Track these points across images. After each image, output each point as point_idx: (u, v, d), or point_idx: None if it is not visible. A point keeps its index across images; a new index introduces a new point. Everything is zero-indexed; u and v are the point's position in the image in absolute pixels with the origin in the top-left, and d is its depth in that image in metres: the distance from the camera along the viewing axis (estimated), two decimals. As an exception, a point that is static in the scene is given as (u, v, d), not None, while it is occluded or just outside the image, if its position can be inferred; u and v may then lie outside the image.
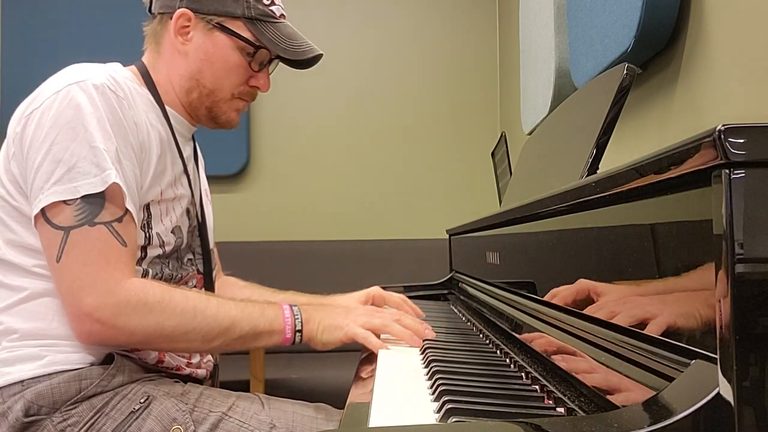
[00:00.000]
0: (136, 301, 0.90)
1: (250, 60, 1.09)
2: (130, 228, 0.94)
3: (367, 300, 1.25)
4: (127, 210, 0.93)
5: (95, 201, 0.90)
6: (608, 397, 0.52)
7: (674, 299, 0.46)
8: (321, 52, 1.13)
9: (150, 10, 1.11)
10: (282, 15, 1.11)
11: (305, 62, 1.14)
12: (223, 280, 1.35)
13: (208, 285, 1.16)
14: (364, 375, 0.81)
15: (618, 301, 0.56)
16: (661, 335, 0.48)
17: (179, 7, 1.06)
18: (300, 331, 0.99)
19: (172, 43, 1.07)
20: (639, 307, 0.51)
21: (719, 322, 0.39)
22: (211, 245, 1.22)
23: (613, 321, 0.56)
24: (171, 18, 1.06)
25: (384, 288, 1.27)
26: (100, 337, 0.91)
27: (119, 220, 0.92)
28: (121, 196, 0.92)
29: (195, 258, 1.14)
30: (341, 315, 1.01)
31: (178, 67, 1.08)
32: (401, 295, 1.27)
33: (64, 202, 0.89)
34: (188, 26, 1.06)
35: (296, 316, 0.99)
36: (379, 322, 0.99)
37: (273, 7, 1.09)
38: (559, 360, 0.67)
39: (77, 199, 0.89)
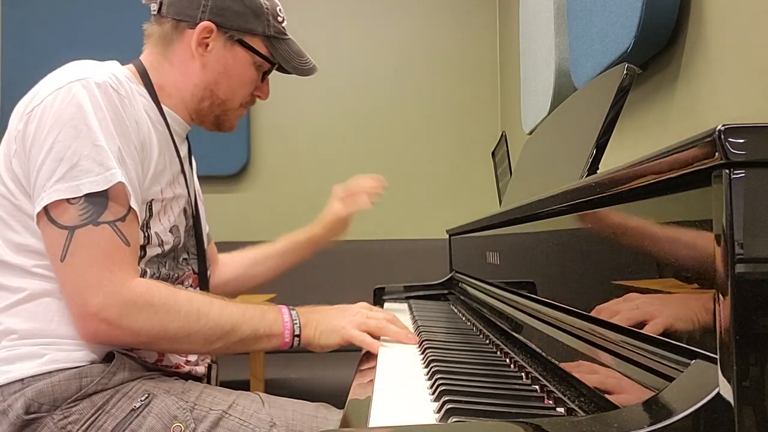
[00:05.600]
0: (142, 303, 0.90)
1: (260, 73, 1.15)
2: (134, 227, 0.94)
3: None
4: (130, 208, 0.93)
5: (99, 200, 0.90)
6: (608, 397, 0.52)
7: (674, 299, 0.46)
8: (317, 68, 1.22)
9: (159, 12, 1.10)
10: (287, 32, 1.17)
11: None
12: (223, 258, 1.40)
13: (203, 285, 1.16)
14: (363, 375, 0.81)
15: (618, 301, 0.56)
16: (661, 335, 0.48)
17: (202, 19, 1.07)
18: (298, 335, 1.00)
19: (190, 51, 1.08)
20: (639, 307, 0.51)
21: (719, 322, 0.39)
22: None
23: (613, 321, 0.56)
24: (190, 27, 1.08)
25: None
26: (106, 337, 0.91)
27: (122, 219, 0.92)
28: (125, 194, 0.92)
29: (190, 258, 1.15)
30: (337, 317, 1.02)
31: (192, 75, 1.10)
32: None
33: (68, 201, 0.89)
34: (209, 37, 1.08)
35: (294, 321, 1.00)
36: (374, 323, 1.01)
37: (284, 24, 1.14)
38: (559, 360, 0.67)
39: (81, 198, 0.89)
